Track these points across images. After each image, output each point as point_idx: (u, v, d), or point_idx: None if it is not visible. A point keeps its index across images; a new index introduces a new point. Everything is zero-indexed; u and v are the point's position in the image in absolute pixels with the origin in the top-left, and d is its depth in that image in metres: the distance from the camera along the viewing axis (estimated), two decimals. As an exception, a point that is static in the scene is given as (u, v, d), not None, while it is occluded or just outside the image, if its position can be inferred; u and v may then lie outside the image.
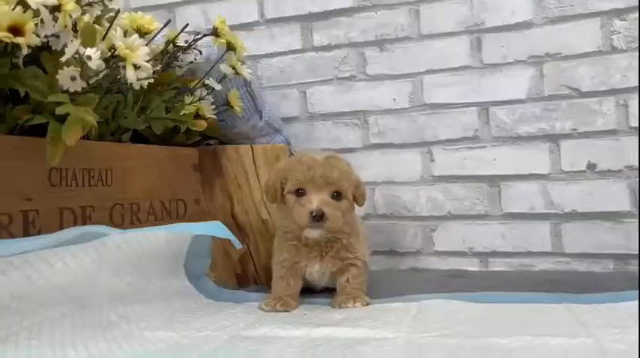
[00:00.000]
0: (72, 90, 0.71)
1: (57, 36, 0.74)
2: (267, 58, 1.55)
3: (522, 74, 1.35)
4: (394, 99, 1.45)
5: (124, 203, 0.97)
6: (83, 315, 0.83)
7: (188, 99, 1.07)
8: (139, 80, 0.78)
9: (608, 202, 1.28)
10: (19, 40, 0.67)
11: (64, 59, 0.69)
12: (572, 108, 1.31)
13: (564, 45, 1.31)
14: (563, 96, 1.32)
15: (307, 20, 1.52)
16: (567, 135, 1.32)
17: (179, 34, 1.01)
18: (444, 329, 0.82)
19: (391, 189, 1.45)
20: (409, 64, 1.43)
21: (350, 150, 1.48)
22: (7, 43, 0.69)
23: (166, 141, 1.14)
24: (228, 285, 1.18)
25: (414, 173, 1.43)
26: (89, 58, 0.69)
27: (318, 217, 0.89)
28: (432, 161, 1.42)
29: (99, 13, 0.81)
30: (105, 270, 0.87)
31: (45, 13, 0.69)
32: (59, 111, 0.69)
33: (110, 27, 0.79)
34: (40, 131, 0.79)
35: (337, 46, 1.50)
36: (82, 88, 0.72)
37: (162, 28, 0.93)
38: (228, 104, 1.21)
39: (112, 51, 0.79)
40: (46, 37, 0.72)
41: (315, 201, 0.91)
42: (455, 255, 1.40)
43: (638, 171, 1.25)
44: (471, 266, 1.38)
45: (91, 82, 0.75)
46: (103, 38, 0.80)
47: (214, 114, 1.18)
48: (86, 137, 0.87)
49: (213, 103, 1.17)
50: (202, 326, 0.89)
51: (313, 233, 0.93)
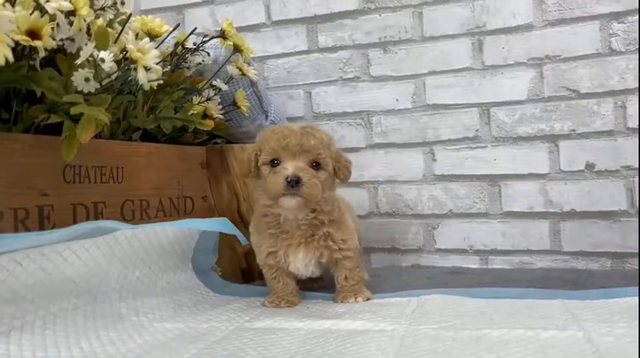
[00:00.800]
0: (86, 91, 0.75)
1: (72, 39, 0.78)
2: (273, 59, 1.58)
3: (522, 76, 1.37)
4: (397, 99, 1.48)
5: (134, 199, 1.01)
6: (95, 307, 0.87)
7: (196, 99, 1.10)
8: (149, 81, 0.82)
9: (606, 201, 1.31)
10: (37, 43, 0.70)
11: (78, 62, 0.73)
12: (571, 110, 1.34)
13: (564, 47, 1.34)
14: (562, 97, 1.34)
15: (312, 22, 1.55)
16: (566, 136, 1.34)
17: (188, 37, 1.04)
18: (441, 322, 0.85)
19: (394, 187, 1.48)
20: (412, 65, 1.46)
21: (354, 150, 1.51)
22: (24, 46, 0.73)
23: (175, 140, 1.18)
24: (233, 280, 1.22)
25: (416, 172, 1.46)
26: (102, 60, 0.73)
27: (294, 182, 0.84)
28: (434, 160, 1.45)
29: (111, 16, 0.85)
30: (115, 264, 0.91)
31: (61, 18, 0.73)
32: (74, 111, 0.73)
33: (122, 30, 0.83)
34: (54, 130, 0.83)
35: (342, 48, 1.53)
36: (95, 89, 0.75)
37: (171, 32, 0.96)
38: (234, 104, 1.25)
39: (124, 53, 0.83)
40: (61, 40, 0.76)
41: (291, 166, 0.86)
42: (456, 252, 1.43)
43: (638, 171, 1.28)
44: (472, 263, 1.41)
45: (103, 83, 0.79)
46: (115, 41, 0.84)
47: (221, 114, 1.22)
48: (98, 136, 0.91)
49: (220, 103, 1.20)
50: (208, 318, 0.92)
51: (289, 201, 0.87)
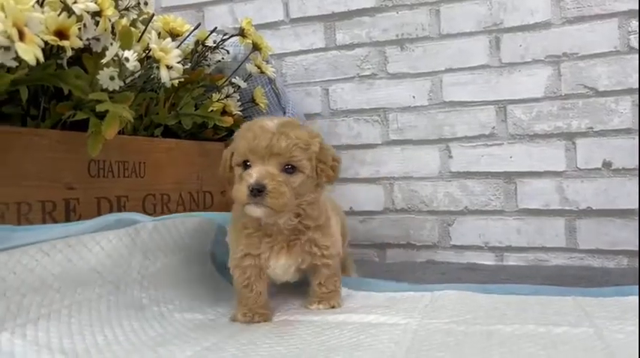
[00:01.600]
0: (111, 88, 0.78)
1: (97, 39, 0.80)
2: (291, 56, 1.60)
3: (540, 73, 1.37)
4: (413, 96, 1.49)
5: (155, 193, 1.04)
6: (117, 296, 0.90)
7: (215, 96, 1.13)
8: (171, 80, 0.84)
9: (623, 200, 1.31)
10: (65, 43, 0.73)
11: (104, 61, 0.76)
12: (589, 107, 1.33)
13: (582, 45, 1.33)
14: (579, 95, 1.34)
15: (330, 20, 1.57)
16: (583, 134, 1.34)
17: (209, 35, 1.07)
18: (453, 316, 0.86)
19: (410, 184, 1.49)
20: (429, 62, 1.47)
21: (370, 146, 1.53)
22: (52, 46, 0.76)
23: (194, 136, 1.20)
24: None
25: (432, 169, 1.47)
26: (127, 59, 0.76)
27: (256, 191, 0.75)
28: (450, 157, 1.46)
29: (135, 16, 0.87)
30: (137, 255, 0.94)
31: (87, 18, 0.75)
32: (100, 108, 0.76)
33: (145, 30, 0.85)
34: (80, 126, 0.86)
35: (359, 45, 1.54)
36: (120, 87, 0.78)
37: (192, 31, 0.99)
38: (253, 101, 1.27)
39: (147, 52, 0.86)
40: (87, 39, 0.79)
41: (256, 172, 0.76)
42: (471, 249, 1.44)
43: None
44: (487, 260, 1.42)
45: (127, 81, 0.82)
46: (138, 40, 0.86)
47: (240, 110, 1.24)
48: (122, 132, 0.94)
49: (238, 100, 1.23)
50: (227, 310, 0.95)
51: (254, 210, 0.77)
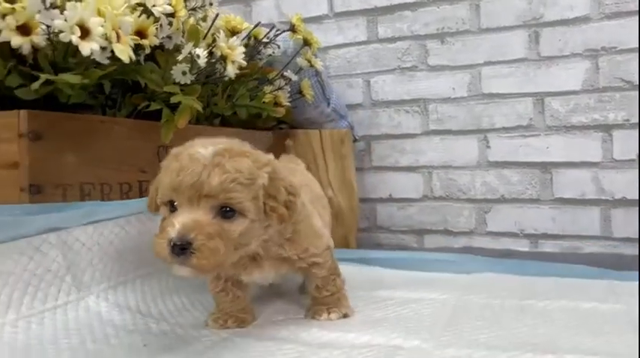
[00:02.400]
0: (182, 82, 0.87)
1: (170, 37, 0.90)
2: (334, 49, 1.67)
3: (578, 67, 1.41)
4: (453, 88, 1.55)
5: (213, 177, 1.13)
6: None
7: (268, 88, 1.21)
8: (235, 74, 0.93)
9: (658, 190, 1.34)
10: (144, 41, 0.83)
11: (180, 57, 0.85)
12: (625, 100, 1.37)
13: (620, 39, 1.37)
14: (617, 88, 1.38)
15: (373, 14, 1.63)
16: (620, 126, 1.38)
17: (268, 34, 1.15)
18: (490, 293, 0.93)
19: (448, 172, 1.55)
20: (468, 55, 1.53)
21: (410, 136, 1.59)
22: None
23: (246, 126, 1.29)
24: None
25: (471, 158, 1.53)
26: (198, 56, 0.85)
27: (178, 249, 0.58)
28: (488, 147, 1.51)
29: (201, 16, 0.96)
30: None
31: (163, 19, 0.85)
32: (174, 99, 0.85)
33: (210, 28, 0.94)
34: (150, 116, 0.96)
35: (400, 38, 1.60)
36: (190, 81, 0.87)
37: (252, 29, 1.08)
38: (300, 92, 1.36)
39: (211, 48, 0.95)
40: (162, 38, 0.88)
41: (179, 223, 0.59)
42: (506, 235, 1.49)
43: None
44: (522, 246, 1.48)
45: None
46: (204, 37, 0.95)
47: (289, 101, 1.33)
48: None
49: (288, 92, 1.31)
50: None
51: (180, 270, 0.61)
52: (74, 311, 0.79)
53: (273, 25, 1.17)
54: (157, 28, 0.85)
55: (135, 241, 0.93)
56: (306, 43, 1.21)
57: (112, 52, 0.74)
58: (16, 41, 0.70)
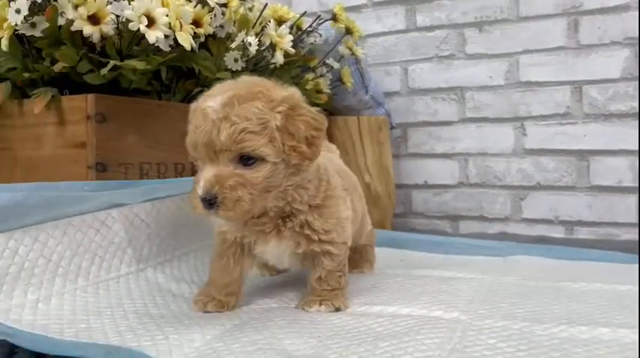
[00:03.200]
0: (234, 69, 0.93)
1: (222, 26, 0.95)
2: (373, 38, 1.71)
3: (617, 55, 1.42)
4: (490, 76, 1.57)
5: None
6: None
7: (310, 75, 1.26)
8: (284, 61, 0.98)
9: (697, 179, 1.34)
10: (200, 30, 0.88)
11: (234, 45, 0.90)
12: (666, 88, 1.37)
13: (661, 27, 1.37)
14: (657, 76, 1.38)
15: (411, 3, 1.66)
16: (659, 114, 1.38)
17: (313, 23, 1.19)
18: (525, 275, 0.97)
19: (484, 159, 1.58)
20: (506, 44, 1.54)
21: (446, 123, 1.62)
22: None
23: (288, 111, 1.34)
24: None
25: (507, 146, 1.55)
26: (250, 44, 0.90)
27: (207, 204, 0.62)
28: (524, 135, 1.53)
29: (250, 6, 1.01)
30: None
31: (217, 10, 0.90)
32: (226, 85, 0.90)
33: (259, 17, 0.99)
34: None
35: (439, 27, 1.63)
36: (241, 67, 0.93)
37: (298, 19, 1.12)
38: (340, 80, 1.40)
39: (259, 36, 1.00)
40: (215, 27, 0.93)
41: (203, 179, 0.62)
42: (541, 222, 1.51)
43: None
44: (557, 233, 1.49)
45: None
46: (253, 26, 1.00)
47: (329, 88, 1.37)
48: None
49: (329, 79, 1.36)
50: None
51: (216, 221, 0.68)
52: (135, 281, 0.86)
53: (319, 14, 1.21)
54: (211, 18, 0.90)
55: (188, 218, 0.99)
56: (348, 31, 1.25)
57: (174, 39, 0.79)
58: (88, 30, 0.76)
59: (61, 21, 0.78)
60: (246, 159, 0.63)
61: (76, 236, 0.81)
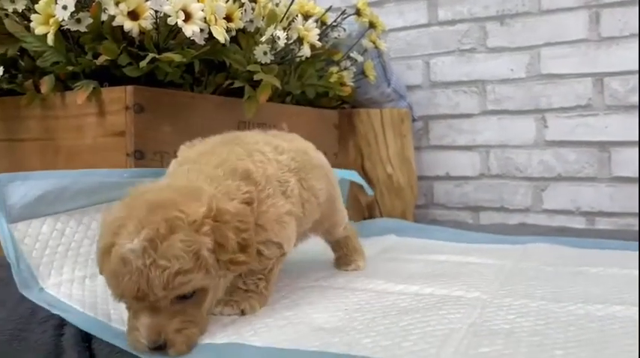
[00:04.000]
0: (263, 62, 0.97)
1: (251, 21, 0.99)
2: (395, 32, 1.74)
3: (637, 47, 1.42)
4: (512, 69, 1.59)
5: (284, 151, 1.23)
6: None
7: (334, 69, 1.30)
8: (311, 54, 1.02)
9: None
10: (231, 25, 0.93)
11: (264, 39, 0.95)
12: (688, 80, 1.38)
13: (684, 18, 1.37)
14: (679, 67, 1.39)
15: (433, -3, 1.69)
16: (681, 105, 1.39)
17: (339, 17, 1.23)
18: (544, 261, 0.99)
19: (505, 151, 1.60)
20: (528, 37, 1.56)
21: (467, 116, 1.65)
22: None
23: (312, 105, 1.38)
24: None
25: (528, 137, 1.57)
26: (278, 38, 0.94)
27: (155, 350, 0.55)
28: (546, 127, 1.55)
29: (278, 1, 1.06)
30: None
31: (247, 4, 0.94)
32: (257, 77, 0.95)
33: (287, 11, 1.04)
34: (230, 93, 1.06)
35: (460, 21, 1.65)
36: (271, 61, 0.97)
37: (324, 13, 1.16)
38: (363, 73, 1.43)
39: (287, 30, 1.04)
40: (245, 21, 0.98)
41: (143, 326, 0.55)
42: (562, 213, 1.53)
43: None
44: (577, 224, 1.51)
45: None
46: (281, 20, 1.05)
47: (352, 81, 1.41)
48: (264, 98, 1.13)
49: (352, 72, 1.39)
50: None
51: None
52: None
53: (344, 9, 1.25)
54: (241, 13, 0.94)
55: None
56: (372, 25, 1.28)
57: (208, 33, 0.84)
58: (128, 25, 0.81)
59: (103, 17, 0.84)
60: (183, 296, 0.56)
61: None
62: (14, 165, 1.05)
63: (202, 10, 0.81)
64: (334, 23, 1.26)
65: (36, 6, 0.84)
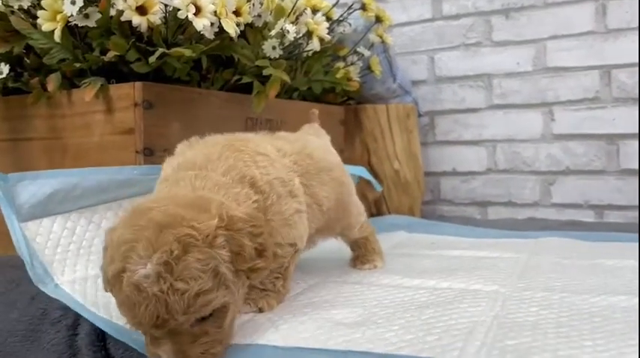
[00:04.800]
0: (272, 57, 0.96)
1: (259, 15, 0.98)
2: (399, 27, 1.72)
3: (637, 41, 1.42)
4: (518, 63, 1.58)
5: (292, 147, 1.22)
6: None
7: (340, 64, 1.29)
8: (313, 50, 1.01)
9: None
10: (240, 19, 0.91)
11: (273, 33, 0.94)
12: (697, 70, 1.37)
13: (691, 9, 1.36)
14: (687, 58, 1.38)
15: (437, -8, 1.68)
16: (690, 96, 1.38)
17: (347, 11, 1.22)
18: (559, 253, 0.98)
19: (512, 146, 1.59)
20: (533, 30, 1.55)
21: (474, 110, 1.63)
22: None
23: (318, 100, 1.37)
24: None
25: (535, 131, 1.56)
26: (288, 31, 0.93)
27: None
28: (553, 120, 1.54)
29: (285, -5, 1.05)
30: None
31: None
32: (266, 72, 0.94)
33: (294, 6, 1.03)
34: (237, 89, 1.05)
35: (465, 15, 1.64)
36: (279, 55, 0.96)
37: (332, 8, 1.15)
38: (369, 68, 1.42)
39: (295, 23, 1.03)
40: (253, 16, 0.97)
41: (167, 353, 0.52)
42: (571, 207, 1.52)
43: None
44: (586, 217, 1.50)
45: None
46: (288, 15, 1.03)
47: (358, 77, 1.40)
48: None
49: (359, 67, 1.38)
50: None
51: None
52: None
53: (350, 4, 1.24)
54: (250, 7, 0.93)
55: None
56: (378, 19, 1.27)
57: (219, 27, 0.83)
58: (137, 20, 0.80)
59: (110, 12, 0.82)
60: (202, 319, 0.53)
61: (126, 218, 0.85)
62: (19, 164, 1.04)
63: (213, 3, 0.80)
64: (340, 18, 1.25)
65: (42, 2, 0.83)
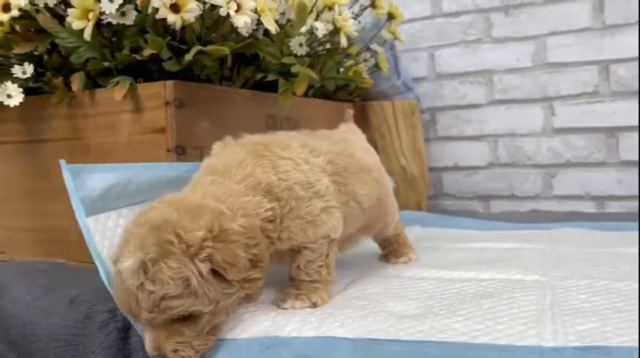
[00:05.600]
0: (299, 54, 0.96)
1: (283, 13, 0.98)
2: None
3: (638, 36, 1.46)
4: (517, 59, 1.61)
5: (308, 145, 1.22)
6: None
7: (351, 61, 1.29)
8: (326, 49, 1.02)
9: None
10: (264, 18, 0.91)
11: (304, 29, 0.94)
12: (693, 65, 1.42)
13: (687, 5, 1.41)
14: (683, 53, 1.43)
15: (437, -11, 1.70)
16: (686, 90, 1.43)
17: (361, 11, 1.22)
18: (579, 243, 1.01)
19: (513, 140, 1.62)
20: (533, 26, 1.58)
21: (475, 106, 1.66)
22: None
23: (328, 97, 1.38)
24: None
25: (536, 126, 1.60)
26: (316, 28, 0.94)
27: None
28: (553, 115, 1.58)
29: (306, -8, 1.05)
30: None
31: (282, -2, 0.94)
32: (295, 69, 0.94)
33: (315, 3, 1.03)
34: (259, 86, 1.05)
35: (464, 12, 1.67)
36: (306, 52, 0.96)
37: (352, 5, 1.16)
38: (376, 65, 1.43)
39: (319, 19, 1.03)
40: (278, 14, 0.97)
41: (146, 339, 0.57)
42: (573, 198, 1.56)
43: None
44: (588, 208, 1.54)
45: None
46: (310, 12, 1.04)
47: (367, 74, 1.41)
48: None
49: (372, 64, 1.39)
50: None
51: None
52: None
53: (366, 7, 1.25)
54: (277, 5, 0.93)
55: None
56: (391, 16, 1.28)
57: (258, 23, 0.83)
58: (172, 18, 0.79)
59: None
60: (181, 318, 0.56)
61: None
62: (36, 166, 1.02)
63: (254, 0, 0.80)
64: (352, 15, 1.25)
65: (72, 0, 0.81)
